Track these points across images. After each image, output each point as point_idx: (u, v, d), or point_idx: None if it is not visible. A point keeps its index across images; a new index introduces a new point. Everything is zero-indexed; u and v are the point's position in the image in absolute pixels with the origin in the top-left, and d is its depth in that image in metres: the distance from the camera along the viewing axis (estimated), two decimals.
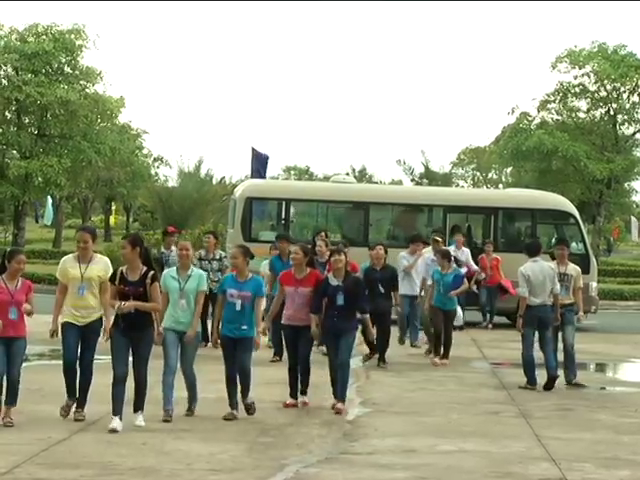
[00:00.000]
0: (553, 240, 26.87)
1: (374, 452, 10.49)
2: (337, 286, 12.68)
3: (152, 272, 11.25)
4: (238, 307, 11.86)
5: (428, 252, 19.22)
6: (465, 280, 17.93)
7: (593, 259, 26.11)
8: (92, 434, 10.57)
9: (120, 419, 10.79)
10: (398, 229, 27.13)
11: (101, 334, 11.37)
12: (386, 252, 16.98)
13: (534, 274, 14.76)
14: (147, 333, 11.25)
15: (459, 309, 18.63)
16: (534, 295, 14.73)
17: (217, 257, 18.39)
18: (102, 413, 11.07)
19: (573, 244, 26.61)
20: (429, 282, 17.70)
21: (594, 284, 25.25)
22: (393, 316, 17.38)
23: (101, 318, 11.46)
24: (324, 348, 15.39)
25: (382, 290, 16.44)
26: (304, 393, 13.04)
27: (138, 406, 11.18)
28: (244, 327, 11.86)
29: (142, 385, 11.21)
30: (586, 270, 23.31)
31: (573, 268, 15.44)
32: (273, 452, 10.26)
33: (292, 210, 26.89)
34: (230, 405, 11.95)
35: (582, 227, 26.49)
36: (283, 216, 26.61)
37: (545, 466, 10.10)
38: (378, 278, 16.49)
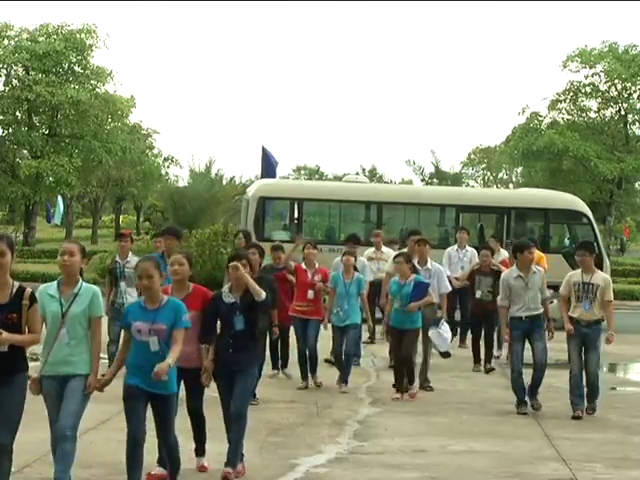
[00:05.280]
0: (566, 240, 26.84)
1: (384, 452, 10.49)
2: (233, 304, 9.24)
3: (29, 290, 7.79)
4: (154, 347, 8.22)
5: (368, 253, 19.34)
6: (430, 291, 13.92)
7: (607, 259, 26.01)
8: (103, 433, 10.57)
9: None
10: (411, 229, 27.06)
11: None
12: (262, 256, 13.16)
13: (516, 281, 13.03)
14: (17, 381, 7.75)
15: (447, 328, 14.60)
16: (513, 304, 12.97)
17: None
18: (112, 413, 11.07)
19: None
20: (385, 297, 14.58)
21: None
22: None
23: None
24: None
25: None
26: (203, 454, 9.60)
27: None
28: (163, 378, 8.11)
29: (5, 460, 7.82)
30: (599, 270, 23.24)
31: (602, 277, 12.96)
32: (283, 452, 10.27)
33: (305, 210, 26.88)
34: None
35: (595, 227, 26.41)
36: (296, 216, 26.64)
37: (555, 466, 10.11)
38: None
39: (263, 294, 9.24)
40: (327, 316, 14.55)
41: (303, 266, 14.60)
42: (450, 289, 15.07)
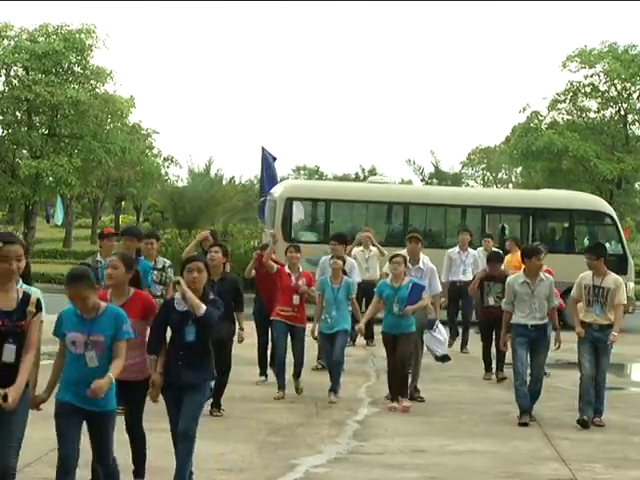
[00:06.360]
0: (585, 240, 26.92)
1: (384, 452, 10.50)
2: (185, 313, 8.44)
3: (35, 296, 7.11)
4: (92, 363, 7.40)
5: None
6: (424, 294, 13.20)
7: (631, 259, 26.13)
8: None
9: None
10: (437, 229, 27.21)
11: None
12: (226, 255, 11.90)
13: (521, 287, 12.58)
14: (24, 396, 7.05)
15: (442, 330, 14.01)
16: (518, 310, 12.56)
17: (159, 266, 13.58)
18: None
19: (608, 244, 26.79)
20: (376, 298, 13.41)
21: (631, 284, 25.18)
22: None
23: None
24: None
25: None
26: (142, 475, 8.72)
27: None
28: (100, 395, 7.33)
29: None
30: (624, 270, 23.41)
31: (613, 280, 12.35)
32: (283, 452, 10.28)
33: (332, 210, 27.00)
34: None
35: (619, 227, 26.57)
36: (323, 216, 26.75)
37: (555, 466, 10.12)
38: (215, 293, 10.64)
39: (202, 308, 8.36)
40: (315, 325, 13.79)
41: (287, 269, 13.80)
42: (440, 290, 14.54)
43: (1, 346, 6.85)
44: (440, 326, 13.89)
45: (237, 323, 11.98)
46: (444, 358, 14.02)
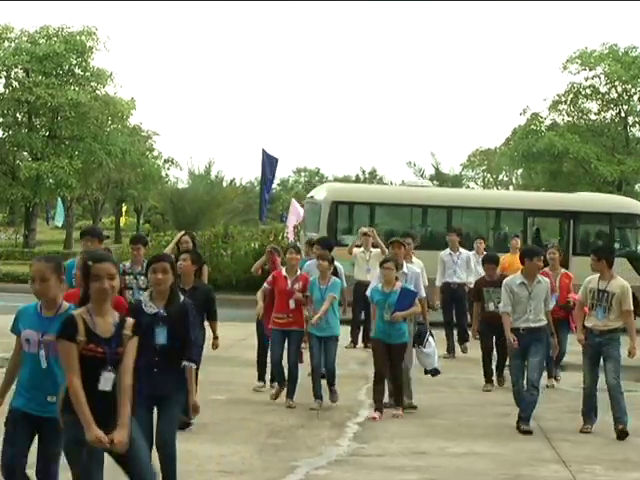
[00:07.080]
0: (617, 243, 27.03)
1: (384, 454, 10.49)
2: (155, 315, 7.76)
3: (131, 320, 6.60)
4: (43, 363, 6.80)
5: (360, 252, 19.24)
6: (417, 301, 12.76)
7: None
8: None
9: None
10: (480, 233, 27.32)
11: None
12: (196, 262, 11.31)
13: (519, 288, 12.20)
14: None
15: (432, 343, 13.39)
16: (513, 312, 12.15)
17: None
18: None
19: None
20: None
21: None
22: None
23: None
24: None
25: None
26: None
27: None
28: (51, 400, 6.76)
29: None
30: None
31: (619, 284, 11.89)
32: (283, 454, 10.27)
33: (376, 213, 27.15)
34: None
35: None
36: (367, 219, 26.85)
37: (555, 468, 10.11)
38: None
39: (192, 365, 7.80)
40: (306, 329, 13.14)
41: (283, 272, 13.18)
42: (424, 295, 13.71)
43: (98, 374, 6.37)
44: (430, 340, 13.42)
45: (212, 332, 11.32)
46: (434, 372, 13.60)
